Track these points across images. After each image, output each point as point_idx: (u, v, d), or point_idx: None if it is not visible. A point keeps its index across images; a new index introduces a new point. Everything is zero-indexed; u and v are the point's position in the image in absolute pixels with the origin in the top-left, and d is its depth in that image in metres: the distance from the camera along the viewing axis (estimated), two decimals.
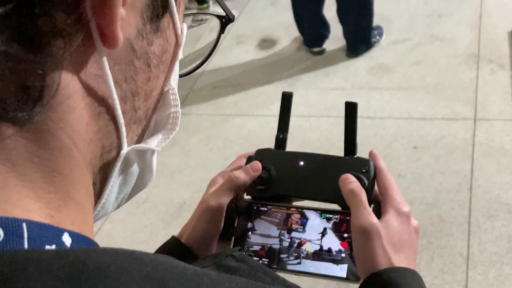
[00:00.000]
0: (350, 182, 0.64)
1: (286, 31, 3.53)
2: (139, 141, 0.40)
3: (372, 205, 0.64)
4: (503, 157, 2.38)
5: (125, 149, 0.37)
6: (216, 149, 2.76)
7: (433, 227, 2.13)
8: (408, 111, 2.74)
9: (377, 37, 3.25)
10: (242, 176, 0.68)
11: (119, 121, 0.36)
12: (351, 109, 0.70)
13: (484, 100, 2.70)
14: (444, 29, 3.26)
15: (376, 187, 0.67)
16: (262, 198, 0.71)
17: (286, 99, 0.76)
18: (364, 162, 0.68)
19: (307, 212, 0.69)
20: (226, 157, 2.66)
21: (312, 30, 3.28)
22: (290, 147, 0.74)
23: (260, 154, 0.73)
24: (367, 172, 0.67)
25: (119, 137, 0.37)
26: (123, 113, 0.36)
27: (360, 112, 0.71)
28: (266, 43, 3.52)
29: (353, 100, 0.70)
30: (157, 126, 0.43)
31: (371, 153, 0.69)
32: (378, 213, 0.63)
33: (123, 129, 0.36)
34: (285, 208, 0.70)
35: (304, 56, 3.32)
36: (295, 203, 0.73)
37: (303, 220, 0.68)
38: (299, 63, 3.27)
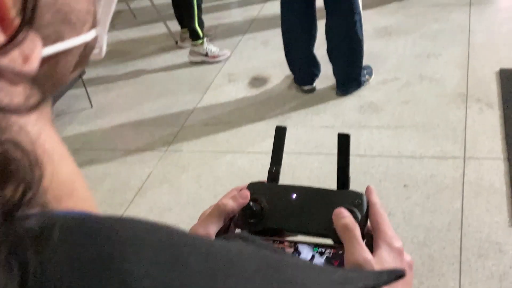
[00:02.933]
0: (344, 217, 0.63)
1: (277, 69, 3.56)
2: None
3: (365, 240, 0.64)
4: (492, 196, 2.39)
5: None
6: (206, 187, 2.75)
7: (424, 266, 2.12)
8: (397, 149, 2.76)
9: (367, 76, 3.29)
10: (230, 203, 0.67)
11: None
12: (344, 141, 0.70)
13: (473, 139, 2.73)
14: (433, 69, 3.31)
15: (368, 222, 0.66)
16: (253, 232, 0.71)
17: (280, 133, 0.76)
18: (357, 196, 0.67)
19: (299, 246, 0.68)
20: (216, 195, 2.64)
21: (303, 69, 3.32)
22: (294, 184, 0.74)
23: (252, 187, 0.73)
24: (360, 205, 0.66)
25: None
26: None
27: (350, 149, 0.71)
28: (257, 81, 3.56)
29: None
30: None
31: (367, 189, 0.69)
32: (371, 247, 0.63)
33: None
34: (277, 242, 0.69)
35: (295, 94, 3.34)
36: (287, 238, 0.72)
37: (296, 254, 0.67)
38: (290, 101, 3.29)
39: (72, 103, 3.58)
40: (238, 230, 0.72)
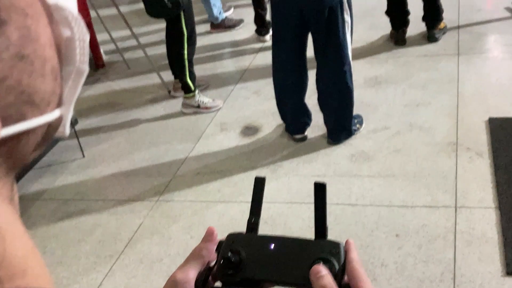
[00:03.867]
0: (322, 276, 0.63)
1: (269, 118, 3.59)
2: None
3: None
4: (485, 246, 2.37)
5: None
6: (197, 237, 2.72)
7: None
8: (389, 198, 2.75)
9: (357, 125, 3.32)
10: (204, 245, 0.69)
11: None
12: (320, 190, 0.70)
13: (464, 188, 2.73)
14: (422, 118, 3.34)
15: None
16: (232, 283, 0.70)
17: (259, 184, 0.77)
18: (334, 245, 0.67)
19: None
20: None
21: (294, 118, 3.35)
22: (273, 234, 0.74)
23: (231, 238, 0.73)
24: (337, 254, 0.66)
25: None
26: None
27: (341, 199, 0.72)
28: (249, 130, 3.58)
29: (334, 186, 0.71)
30: None
31: (347, 242, 0.68)
32: None
33: None
34: None
35: (287, 143, 3.36)
36: None
37: None
38: (282, 150, 3.31)
39: (64, 153, 3.58)
40: (218, 283, 0.71)
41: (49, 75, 0.34)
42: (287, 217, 2.75)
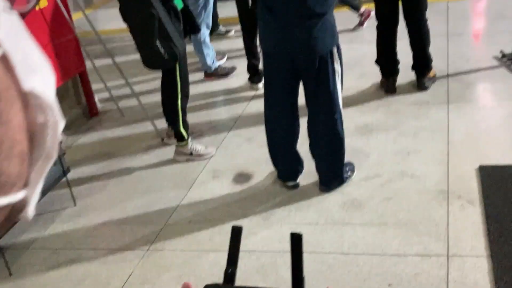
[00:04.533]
0: None
1: (262, 165, 3.60)
2: None
3: None
4: None
5: None
6: None
7: None
8: (381, 247, 2.74)
9: (349, 173, 3.34)
10: None
11: None
12: (296, 241, 0.70)
13: (456, 237, 2.73)
14: (413, 165, 3.37)
15: None
16: None
17: (236, 233, 0.77)
18: None
19: None
20: None
21: (286, 165, 3.36)
22: (265, 284, 0.74)
23: None
24: None
25: None
26: None
27: (333, 248, 0.72)
28: (241, 177, 3.58)
29: (326, 235, 0.71)
30: None
31: None
32: None
33: None
34: None
35: (279, 190, 3.36)
36: None
37: None
38: (274, 197, 3.30)
39: (55, 201, 3.57)
40: None
41: (16, 158, 0.35)
42: (279, 266, 2.72)
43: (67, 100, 4.67)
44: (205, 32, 5.02)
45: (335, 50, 2.99)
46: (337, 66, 3.03)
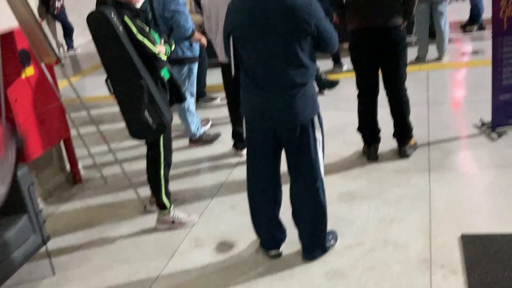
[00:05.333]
0: None
1: (245, 233, 3.57)
2: None
3: None
4: None
5: None
6: None
7: None
8: None
9: (332, 241, 3.31)
10: None
11: None
12: None
13: None
14: (396, 234, 3.36)
15: None
16: None
17: None
18: None
19: None
20: None
21: (269, 234, 3.34)
22: None
23: None
24: None
25: None
26: None
27: None
28: (224, 246, 3.54)
29: None
30: None
31: None
32: None
33: None
34: None
35: (261, 260, 3.32)
36: None
37: None
38: (256, 267, 3.26)
39: (33, 271, 3.49)
40: None
41: None
42: None
43: (50, 167, 4.66)
44: (189, 100, 5.09)
45: (316, 118, 3.04)
46: (318, 135, 3.07)
